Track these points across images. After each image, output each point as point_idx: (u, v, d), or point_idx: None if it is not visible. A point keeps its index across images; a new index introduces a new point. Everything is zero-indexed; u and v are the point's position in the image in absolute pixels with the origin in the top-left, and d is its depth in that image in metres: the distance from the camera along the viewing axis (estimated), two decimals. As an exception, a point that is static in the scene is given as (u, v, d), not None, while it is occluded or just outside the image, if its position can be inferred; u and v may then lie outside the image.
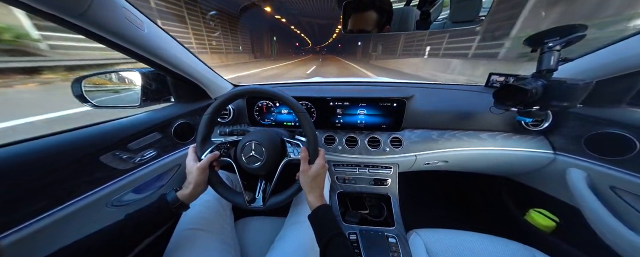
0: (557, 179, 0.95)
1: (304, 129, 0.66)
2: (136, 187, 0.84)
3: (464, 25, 0.86)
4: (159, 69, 0.86)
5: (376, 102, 1.11)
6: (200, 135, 0.70)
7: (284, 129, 0.93)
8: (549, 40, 0.71)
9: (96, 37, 0.61)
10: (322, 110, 1.17)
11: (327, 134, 1.17)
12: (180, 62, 0.87)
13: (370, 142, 1.14)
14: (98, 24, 0.56)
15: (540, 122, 0.98)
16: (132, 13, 0.64)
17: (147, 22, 0.70)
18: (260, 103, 1.22)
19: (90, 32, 0.58)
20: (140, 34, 0.67)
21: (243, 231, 0.89)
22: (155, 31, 0.74)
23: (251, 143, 0.69)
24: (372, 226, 0.94)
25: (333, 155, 1.14)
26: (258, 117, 1.24)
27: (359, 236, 0.87)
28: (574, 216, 0.90)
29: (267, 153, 0.68)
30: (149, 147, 0.89)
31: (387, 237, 0.86)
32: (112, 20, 0.58)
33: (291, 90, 1.19)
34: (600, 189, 0.81)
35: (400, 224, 0.95)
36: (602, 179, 0.80)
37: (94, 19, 0.54)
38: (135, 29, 0.65)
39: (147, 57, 0.75)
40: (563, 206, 0.99)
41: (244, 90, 0.69)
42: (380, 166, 1.14)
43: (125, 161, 0.79)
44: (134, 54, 0.73)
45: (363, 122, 1.16)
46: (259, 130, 0.74)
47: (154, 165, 0.89)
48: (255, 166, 0.67)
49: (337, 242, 0.54)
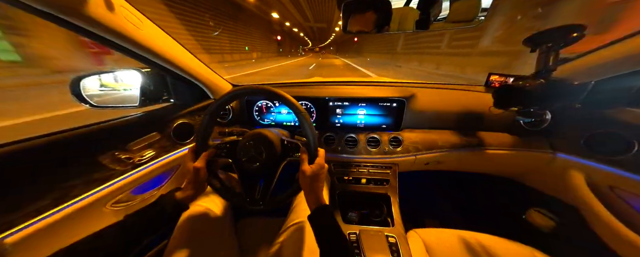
0: (557, 179, 0.95)
1: (304, 129, 0.65)
2: (136, 187, 0.84)
3: (463, 26, 0.86)
4: (158, 69, 0.86)
5: (376, 102, 1.11)
6: (199, 135, 0.69)
7: (284, 129, 0.93)
8: (547, 40, 0.71)
9: (95, 36, 0.60)
10: (321, 110, 1.17)
11: (327, 134, 1.17)
12: (179, 62, 0.86)
13: (370, 142, 1.14)
14: (97, 24, 0.56)
15: (539, 122, 0.98)
16: (131, 13, 0.64)
17: (146, 21, 0.70)
18: (259, 103, 1.21)
19: (90, 31, 0.58)
20: (140, 33, 0.67)
21: (243, 231, 0.89)
22: (154, 31, 0.74)
23: (251, 143, 0.68)
24: (372, 226, 0.94)
25: (333, 155, 1.14)
26: (258, 117, 1.24)
27: (359, 236, 0.87)
28: (574, 216, 0.90)
29: (267, 153, 0.67)
30: (148, 148, 0.88)
31: (387, 237, 0.85)
32: (111, 20, 0.58)
33: (291, 91, 1.19)
34: (600, 189, 0.81)
35: (400, 224, 0.95)
36: (602, 179, 0.80)
37: (93, 18, 0.54)
38: (134, 29, 0.65)
39: (146, 56, 0.75)
40: (563, 206, 0.99)
41: (243, 91, 0.69)
42: (380, 166, 1.14)
43: (125, 161, 0.79)
44: (133, 54, 0.72)
45: (363, 122, 1.16)
46: (259, 130, 0.74)
47: (153, 165, 0.89)
48: (255, 166, 0.67)
49: (336, 242, 0.54)
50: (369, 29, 0.88)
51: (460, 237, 0.82)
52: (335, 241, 0.54)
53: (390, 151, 1.11)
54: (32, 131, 0.62)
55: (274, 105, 1.21)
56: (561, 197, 1.02)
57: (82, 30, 0.57)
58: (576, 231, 0.94)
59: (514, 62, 8.50)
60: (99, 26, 0.57)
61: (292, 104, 0.65)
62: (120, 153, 0.78)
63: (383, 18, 0.84)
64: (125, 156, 0.79)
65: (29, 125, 3.81)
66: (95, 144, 0.73)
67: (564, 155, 0.93)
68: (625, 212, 0.74)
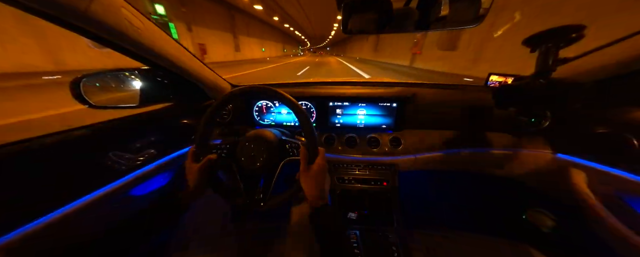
0: (557, 179, 0.95)
1: (304, 129, 0.65)
2: (135, 188, 0.84)
3: (463, 26, 0.86)
4: (158, 69, 0.86)
5: (376, 102, 1.11)
6: (199, 135, 0.69)
7: (284, 129, 0.93)
8: (547, 40, 0.71)
9: (96, 37, 0.60)
10: (321, 110, 1.17)
11: (327, 134, 1.17)
12: (179, 62, 0.86)
13: (370, 142, 1.14)
14: (98, 24, 0.56)
15: (539, 122, 0.98)
16: (132, 13, 0.64)
17: (147, 22, 0.70)
18: (259, 103, 1.21)
19: (90, 32, 0.58)
20: (140, 33, 0.67)
21: (243, 231, 0.89)
22: (154, 31, 0.73)
23: (251, 143, 0.68)
24: (372, 226, 0.94)
25: (333, 155, 1.14)
26: (258, 117, 1.24)
27: (359, 236, 0.87)
28: (574, 216, 0.90)
29: (267, 153, 0.67)
30: (148, 148, 0.88)
31: (387, 237, 0.85)
32: (111, 20, 0.58)
33: (290, 91, 1.19)
34: (600, 189, 0.81)
35: (400, 224, 0.95)
36: (602, 179, 0.80)
37: (93, 19, 0.54)
38: (134, 29, 0.65)
39: (146, 57, 0.75)
40: (563, 206, 0.99)
41: (243, 90, 0.69)
42: (380, 166, 1.14)
43: (125, 161, 0.79)
44: (134, 54, 0.72)
45: (363, 123, 1.16)
46: (259, 130, 0.74)
47: (153, 165, 0.89)
48: (255, 166, 0.67)
49: (336, 242, 0.54)
50: (369, 28, 0.88)
51: (460, 237, 0.82)
52: (336, 241, 0.55)
53: (390, 151, 1.11)
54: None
55: (274, 105, 1.21)
56: (561, 197, 1.02)
57: (82, 30, 0.57)
58: (576, 231, 0.94)
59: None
60: (99, 26, 0.57)
61: (292, 104, 0.65)
62: (120, 153, 0.78)
63: (384, 17, 0.84)
64: (125, 157, 0.79)
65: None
66: (95, 144, 0.73)
67: (564, 155, 0.93)
68: (625, 212, 0.74)
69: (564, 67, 0.86)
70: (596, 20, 4.43)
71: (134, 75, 0.92)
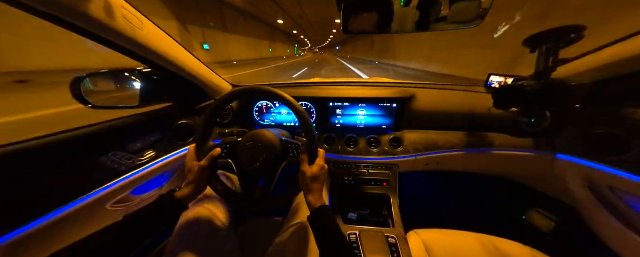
0: (557, 179, 0.95)
1: (304, 129, 0.65)
2: (135, 187, 0.84)
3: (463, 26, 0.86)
4: (158, 69, 0.86)
5: (376, 103, 1.11)
6: (199, 135, 0.69)
7: (284, 130, 0.93)
8: (546, 41, 0.71)
9: (95, 37, 0.60)
10: (321, 110, 1.17)
11: (327, 134, 1.17)
12: (179, 63, 0.86)
13: (370, 142, 1.14)
14: (97, 24, 0.56)
15: (539, 123, 0.98)
16: (131, 13, 0.64)
17: (146, 22, 0.70)
18: (259, 103, 1.21)
19: (90, 32, 0.58)
20: (139, 34, 0.67)
21: (243, 231, 0.89)
22: (154, 31, 0.73)
23: (250, 143, 0.68)
24: (372, 226, 0.94)
25: (333, 155, 1.14)
26: (258, 118, 1.24)
27: (359, 236, 0.87)
28: (574, 216, 0.90)
29: (267, 153, 0.67)
30: (148, 148, 0.88)
31: (387, 237, 0.85)
32: (111, 20, 0.58)
33: (291, 91, 1.19)
34: (600, 189, 0.81)
35: (400, 224, 0.95)
36: (602, 179, 0.80)
37: (93, 19, 0.54)
38: (134, 29, 0.65)
39: (146, 57, 0.75)
40: (563, 206, 0.99)
41: (243, 91, 0.69)
42: (380, 166, 1.14)
43: (125, 161, 0.79)
44: (133, 54, 0.72)
45: (363, 123, 1.16)
46: (259, 130, 0.74)
47: (153, 165, 0.89)
48: (255, 166, 0.67)
49: (336, 243, 0.54)
50: (369, 28, 0.88)
51: (460, 237, 0.82)
52: (335, 242, 0.54)
53: (390, 151, 1.11)
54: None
55: (274, 105, 1.21)
56: (561, 197, 1.02)
57: (82, 30, 0.57)
58: (576, 231, 0.94)
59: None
60: (99, 26, 0.57)
61: (292, 104, 0.65)
62: (120, 153, 0.78)
63: (384, 18, 0.84)
64: (125, 157, 0.79)
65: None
66: (95, 144, 0.73)
67: (563, 155, 0.93)
68: (624, 212, 0.74)
69: (564, 67, 0.86)
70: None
71: (133, 75, 0.92)
